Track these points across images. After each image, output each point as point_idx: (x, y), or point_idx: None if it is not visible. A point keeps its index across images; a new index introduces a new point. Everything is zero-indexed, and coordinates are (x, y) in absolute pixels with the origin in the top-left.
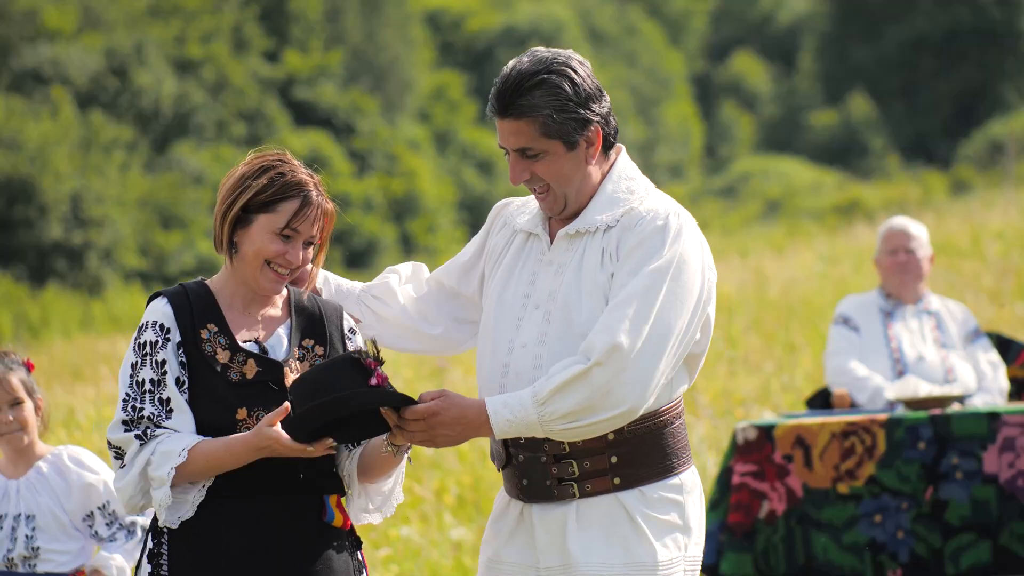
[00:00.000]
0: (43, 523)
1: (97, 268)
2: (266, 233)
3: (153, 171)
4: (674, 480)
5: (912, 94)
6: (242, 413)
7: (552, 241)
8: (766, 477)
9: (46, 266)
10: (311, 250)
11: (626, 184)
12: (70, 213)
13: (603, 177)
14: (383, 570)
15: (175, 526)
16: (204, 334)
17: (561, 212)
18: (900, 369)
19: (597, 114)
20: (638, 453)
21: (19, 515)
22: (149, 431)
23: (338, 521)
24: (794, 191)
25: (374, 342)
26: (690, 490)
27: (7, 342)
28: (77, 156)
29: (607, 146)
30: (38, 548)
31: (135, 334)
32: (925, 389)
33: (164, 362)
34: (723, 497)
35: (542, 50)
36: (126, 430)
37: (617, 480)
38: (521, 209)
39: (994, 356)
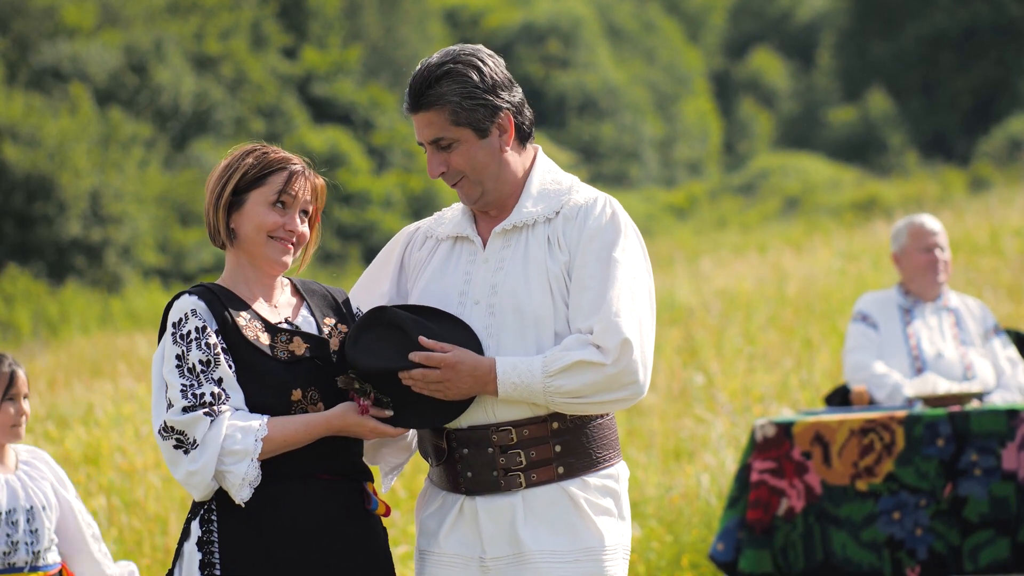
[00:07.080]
0: (51, 514)
1: (116, 265)
2: (261, 207)
3: (172, 168)
4: (611, 470)
5: (931, 91)
6: (296, 394)
7: (485, 241)
8: (785, 474)
9: (65, 263)
10: (306, 225)
11: (551, 177)
12: (89, 210)
13: (527, 172)
14: (401, 567)
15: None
16: (240, 320)
17: (478, 200)
18: (919, 366)
19: (507, 102)
20: (578, 443)
21: (31, 508)
22: (216, 408)
23: (381, 510)
24: (812, 188)
25: (352, 375)
26: (623, 481)
27: (26, 339)
28: (96, 153)
29: (523, 136)
30: (54, 539)
31: (171, 330)
32: (944, 386)
33: (215, 345)
34: (742, 494)
35: (453, 47)
36: (185, 412)
37: (561, 469)
38: (438, 221)
39: (1013, 353)
